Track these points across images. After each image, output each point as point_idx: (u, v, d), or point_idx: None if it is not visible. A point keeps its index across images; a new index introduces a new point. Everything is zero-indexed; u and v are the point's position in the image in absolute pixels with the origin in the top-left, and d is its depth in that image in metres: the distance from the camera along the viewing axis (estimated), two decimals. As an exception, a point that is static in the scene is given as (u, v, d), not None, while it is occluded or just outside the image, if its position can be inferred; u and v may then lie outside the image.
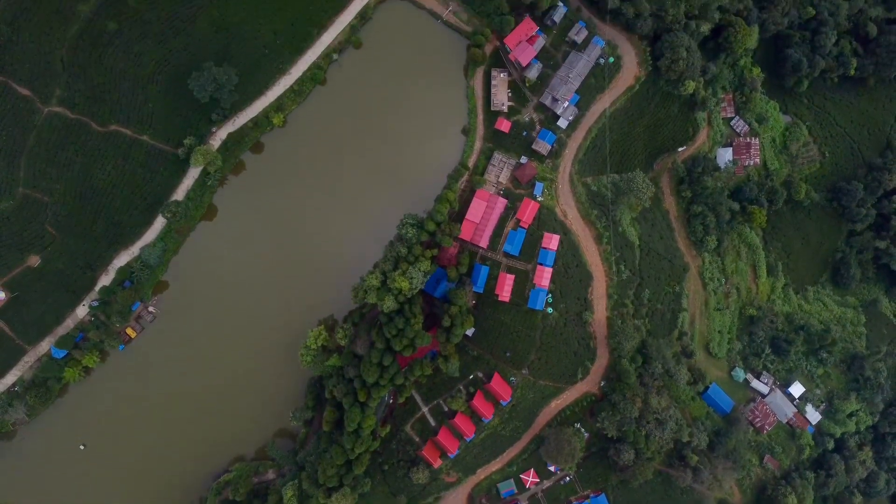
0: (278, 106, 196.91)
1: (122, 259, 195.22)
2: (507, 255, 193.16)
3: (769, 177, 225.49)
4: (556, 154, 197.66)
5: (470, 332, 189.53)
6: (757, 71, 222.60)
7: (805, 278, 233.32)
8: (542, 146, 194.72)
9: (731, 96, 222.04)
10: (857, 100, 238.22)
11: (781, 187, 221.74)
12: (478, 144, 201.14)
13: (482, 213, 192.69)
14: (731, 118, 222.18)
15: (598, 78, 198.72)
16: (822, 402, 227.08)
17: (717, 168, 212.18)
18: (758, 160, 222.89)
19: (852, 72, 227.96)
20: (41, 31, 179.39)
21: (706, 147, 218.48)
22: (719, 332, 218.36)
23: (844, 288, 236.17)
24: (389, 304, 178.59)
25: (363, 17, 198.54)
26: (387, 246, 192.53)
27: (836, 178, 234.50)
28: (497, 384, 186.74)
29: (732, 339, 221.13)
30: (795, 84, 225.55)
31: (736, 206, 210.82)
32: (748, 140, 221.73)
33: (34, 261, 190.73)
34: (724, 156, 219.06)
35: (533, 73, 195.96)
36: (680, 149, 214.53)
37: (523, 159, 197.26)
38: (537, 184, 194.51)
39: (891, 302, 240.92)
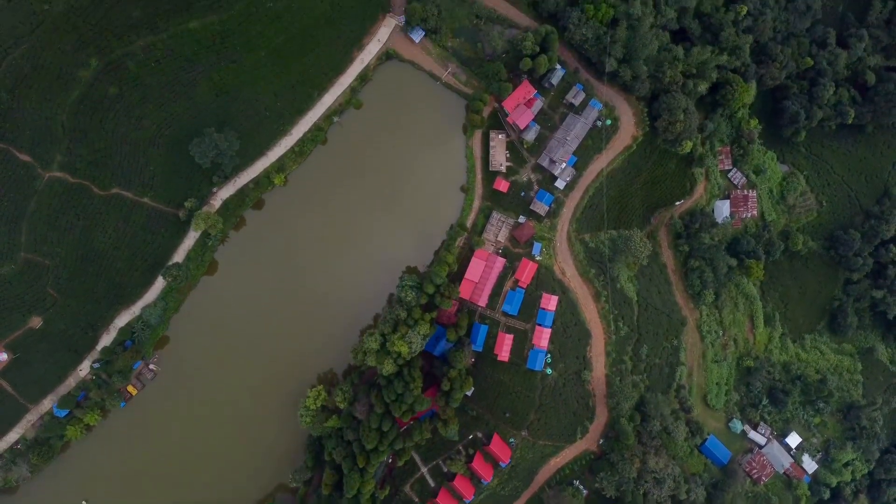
0: (279, 166, 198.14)
1: (124, 319, 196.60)
2: (505, 314, 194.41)
3: (766, 228, 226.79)
4: (553, 213, 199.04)
5: (469, 391, 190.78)
6: (754, 123, 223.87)
7: (802, 326, 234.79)
8: (540, 207, 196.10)
9: (728, 149, 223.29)
10: (854, 147, 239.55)
11: (779, 239, 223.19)
12: (476, 203, 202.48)
13: (481, 273, 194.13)
14: (729, 170, 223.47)
15: (596, 139, 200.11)
16: (818, 452, 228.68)
17: (714, 224, 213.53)
18: (755, 212, 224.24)
19: (850, 121, 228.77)
20: (42, 97, 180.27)
21: (703, 200, 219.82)
22: (717, 383, 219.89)
23: (841, 335, 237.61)
24: (389, 367, 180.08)
25: (363, 78, 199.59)
26: (386, 305, 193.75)
27: (833, 226, 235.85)
28: (496, 446, 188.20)
29: (730, 390, 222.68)
30: (793, 134, 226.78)
31: (733, 262, 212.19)
32: (746, 193, 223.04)
33: (36, 322, 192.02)
34: (722, 209, 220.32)
35: (531, 135, 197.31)
36: (677, 202, 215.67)
37: (521, 219, 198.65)
38: (535, 244, 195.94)
39: (887, 348, 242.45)
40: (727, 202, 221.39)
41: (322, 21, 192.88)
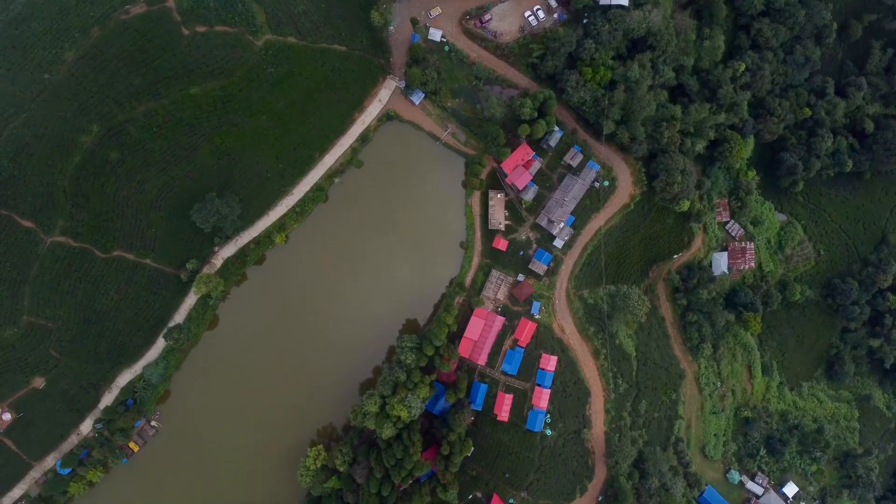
0: (280, 225, 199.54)
1: (125, 377, 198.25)
2: (505, 374, 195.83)
3: (764, 278, 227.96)
4: (552, 272, 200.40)
5: (468, 453, 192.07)
6: (752, 174, 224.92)
7: (800, 374, 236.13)
8: (539, 267, 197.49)
9: (726, 201, 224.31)
10: (852, 194, 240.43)
11: (776, 290, 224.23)
12: (476, 260, 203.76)
13: (480, 331, 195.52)
14: (727, 222, 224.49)
15: (594, 199, 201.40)
16: (815, 501, 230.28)
17: (711, 279, 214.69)
18: (753, 264, 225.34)
19: (848, 170, 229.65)
20: (43, 163, 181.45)
21: (701, 253, 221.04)
22: (715, 435, 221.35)
23: (839, 382, 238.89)
24: (388, 431, 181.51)
25: (364, 139, 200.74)
26: (386, 364, 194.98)
27: (830, 274, 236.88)
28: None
29: (728, 440, 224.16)
30: (791, 185, 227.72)
31: (731, 318, 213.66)
32: (743, 245, 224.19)
33: (39, 383, 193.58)
34: (720, 261, 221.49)
35: (529, 196, 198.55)
36: (675, 256, 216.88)
37: (520, 277, 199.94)
38: (534, 302, 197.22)
39: (884, 394, 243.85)
40: (725, 254, 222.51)
41: (323, 85, 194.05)
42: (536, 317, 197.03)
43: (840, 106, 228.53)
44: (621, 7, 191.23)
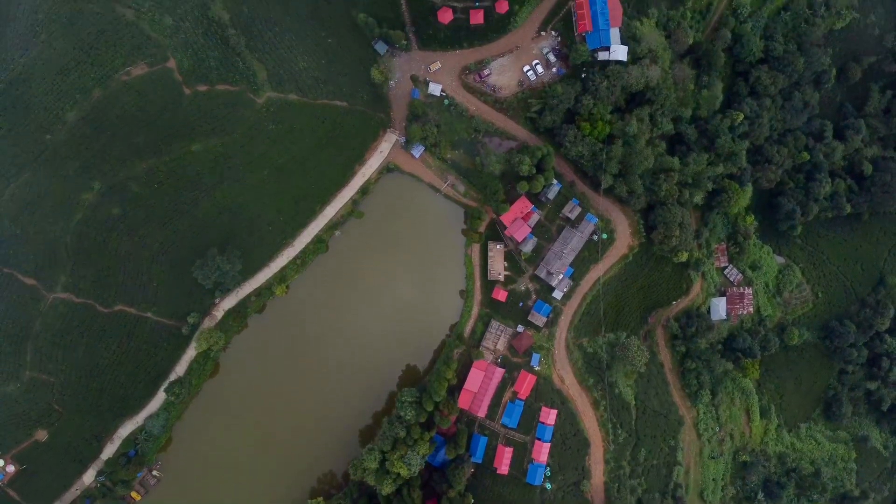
0: (281, 277, 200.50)
1: (127, 429, 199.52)
2: (505, 426, 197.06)
3: (762, 322, 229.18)
4: (552, 323, 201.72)
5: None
6: (750, 219, 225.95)
7: (798, 416, 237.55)
8: (538, 319, 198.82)
9: (724, 246, 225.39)
10: (850, 235, 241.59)
11: (774, 336, 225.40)
12: (475, 310, 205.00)
13: (480, 383, 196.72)
14: (725, 267, 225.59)
15: (592, 251, 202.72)
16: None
17: (710, 327, 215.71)
18: (751, 309, 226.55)
19: (846, 213, 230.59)
20: (45, 221, 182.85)
21: (700, 299, 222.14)
22: (713, 479, 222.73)
23: (836, 422, 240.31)
24: (388, 488, 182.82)
25: (365, 191, 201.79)
26: (385, 419, 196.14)
27: (828, 316, 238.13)
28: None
29: (726, 485, 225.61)
30: (789, 228, 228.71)
31: (729, 366, 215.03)
32: (741, 290, 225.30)
33: (42, 435, 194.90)
34: (718, 307, 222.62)
35: (528, 247, 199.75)
36: (674, 302, 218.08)
37: (520, 328, 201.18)
38: (534, 354, 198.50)
39: (881, 433, 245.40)
40: (723, 300, 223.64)
41: (324, 140, 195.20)
42: (536, 369, 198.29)
43: (838, 149, 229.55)
44: (620, 63, 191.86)
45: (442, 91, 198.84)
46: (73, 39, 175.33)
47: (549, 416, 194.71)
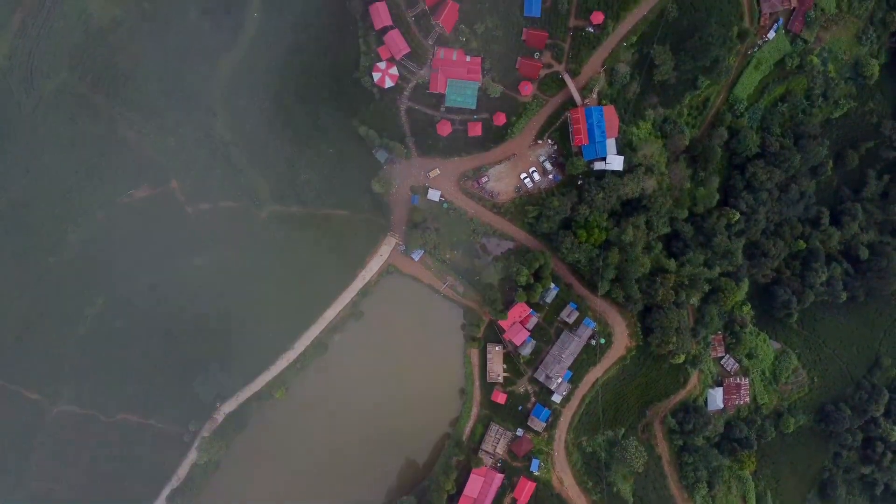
0: (281, 380, 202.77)
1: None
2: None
3: (758, 410, 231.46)
4: (551, 425, 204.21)
5: None
6: (747, 309, 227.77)
7: (793, 499, 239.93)
8: (537, 424, 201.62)
9: (720, 336, 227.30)
10: (846, 317, 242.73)
11: (770, 425, 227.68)
12: (475, 410, 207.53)
13: (479, 489, 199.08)
14: (722, 357, 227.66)
15: (590, 353, 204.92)
16: None
17: (707, 422, 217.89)
18: (747, 399, 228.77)
19: (842, 301, 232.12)
20: (49, 337, 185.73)
21: (697, 391, 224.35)
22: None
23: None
24: None
25: (365, 293, 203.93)
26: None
27: (824, 399, 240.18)
28: None
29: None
30: (785, 316, 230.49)
31: (726, 462, 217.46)
32: (738, 381, 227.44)
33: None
34: (715, 397, 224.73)
35: (527, 350, 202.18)
36: (671, 396, 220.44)
37: (519, 432, 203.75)
38: (534, 459, 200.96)
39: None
40: (720, 390, 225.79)
41: (326, 248, 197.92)
42: (536, 474, 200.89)
43: (835, 236, 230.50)
44: (616, 173, 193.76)
45: (441, 197, 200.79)
46: (75, 162, 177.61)
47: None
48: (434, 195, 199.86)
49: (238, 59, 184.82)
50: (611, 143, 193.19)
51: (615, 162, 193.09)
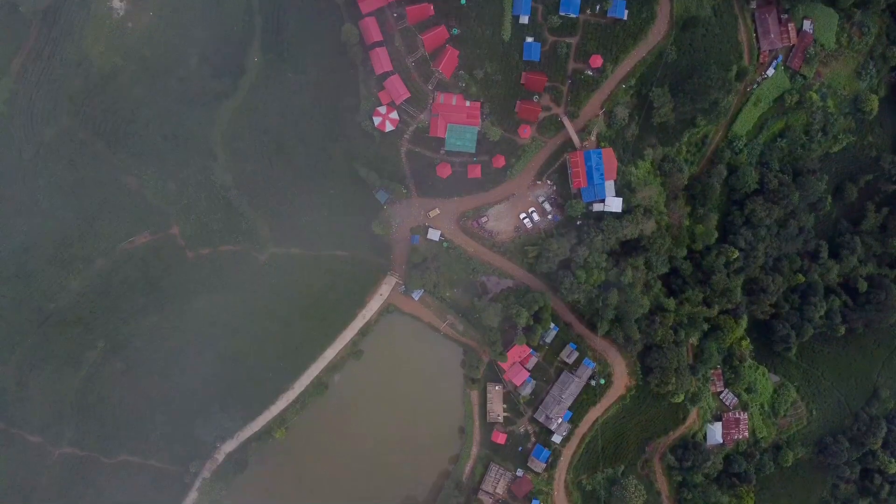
0: (281, 420, 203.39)
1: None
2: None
3: (757, 444, 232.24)
4: (551, 465, 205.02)
5: None
6: (746, 343, 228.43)
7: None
8: (537, 465, 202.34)
9: (720, 371, 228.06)
10: (845, 349, 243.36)
11: (769, 459, 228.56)
12: (475, 450, 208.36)
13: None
14: (721, 392, 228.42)
15: (590, 393, 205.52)
16: None
17: (706, 458, 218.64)
18: (746, 434, 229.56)
19: (840, 334, 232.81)
20: (50, 381, 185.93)
21: (696, 426, 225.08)
22: None
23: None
24: None
25: (364, 332, 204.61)
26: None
27: (822, 431, 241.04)
28: None
29: None
30: (784, 350, 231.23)
31: (725, 499, 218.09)
32: (737, 416, 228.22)
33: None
34: (714, 432, 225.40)
35: (527, 391, 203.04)
36: (671, 432, 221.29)
37: (519, 472, 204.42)
38: (534, 500, 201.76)
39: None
40: (719, 425, 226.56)
41: (326, 289, 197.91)
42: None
43: (834, 269, 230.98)
44: (615, 214, 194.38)
45: (441, 236, 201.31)
46: (75, 209, 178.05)
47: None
48: (434, 234, 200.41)
49: (238, 103, 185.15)
50: (609, 185, 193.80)
51: (614, 204, 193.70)
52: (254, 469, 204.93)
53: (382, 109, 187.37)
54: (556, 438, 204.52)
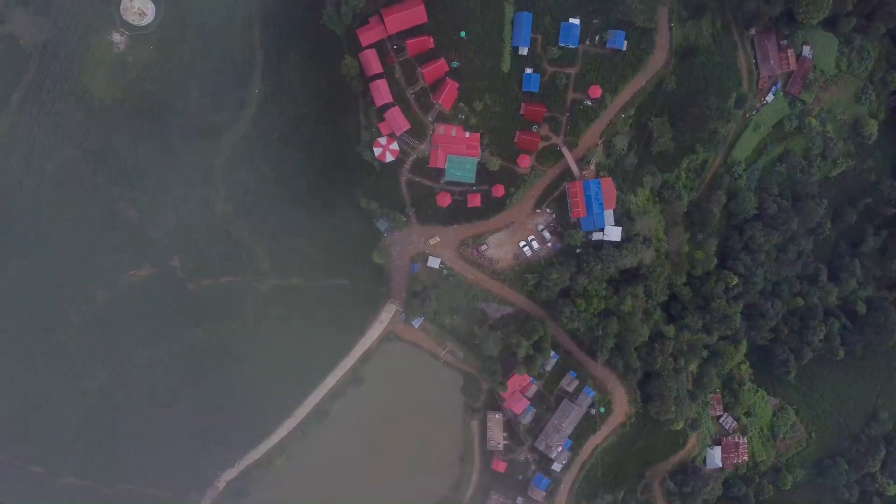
0: (281, 448, 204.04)
1: None
2: None
3: (756, 467, 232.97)
4: (552, 493, 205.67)
5: None
6: (745, 367, 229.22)
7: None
8: (538, 494, 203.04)
9: (719, 395, 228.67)
10: (844, 371, 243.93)
11: (768, 482, 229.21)
12: (475, 477, 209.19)
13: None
14: (720, 416, 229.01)
15: (590, 421, 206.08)
16: None
17: (706, 483, 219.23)
18: (745, 458, 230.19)
19: (839, 358, 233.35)
20: (52, 414, 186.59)
21: (696, 450, 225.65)
22: None
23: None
24: None
25: (364, 359, 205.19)
26: None
27: (821, 453, 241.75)
28: None
29: None
30: (784, 373, 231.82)
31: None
32: (737, 439, 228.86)
33: None
34: (714, 456, 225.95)
35: (527, 419, 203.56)
36: (670, 457, 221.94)
37: (519, 500, 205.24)
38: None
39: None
40: (719, 449, 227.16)
41: (326, 318, 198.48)
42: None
43: (833, 292, 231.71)
44: (614, 243, 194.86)
45: (441, 264, 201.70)
46: (76, 241, 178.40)
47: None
48: (434, 262, 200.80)
49: (239, 134, 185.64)
50: (608, 215, 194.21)
51: (613, 233, 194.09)
52: (254, 497, 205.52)
53: (383, 140, 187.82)
54: (557, 466, 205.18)
